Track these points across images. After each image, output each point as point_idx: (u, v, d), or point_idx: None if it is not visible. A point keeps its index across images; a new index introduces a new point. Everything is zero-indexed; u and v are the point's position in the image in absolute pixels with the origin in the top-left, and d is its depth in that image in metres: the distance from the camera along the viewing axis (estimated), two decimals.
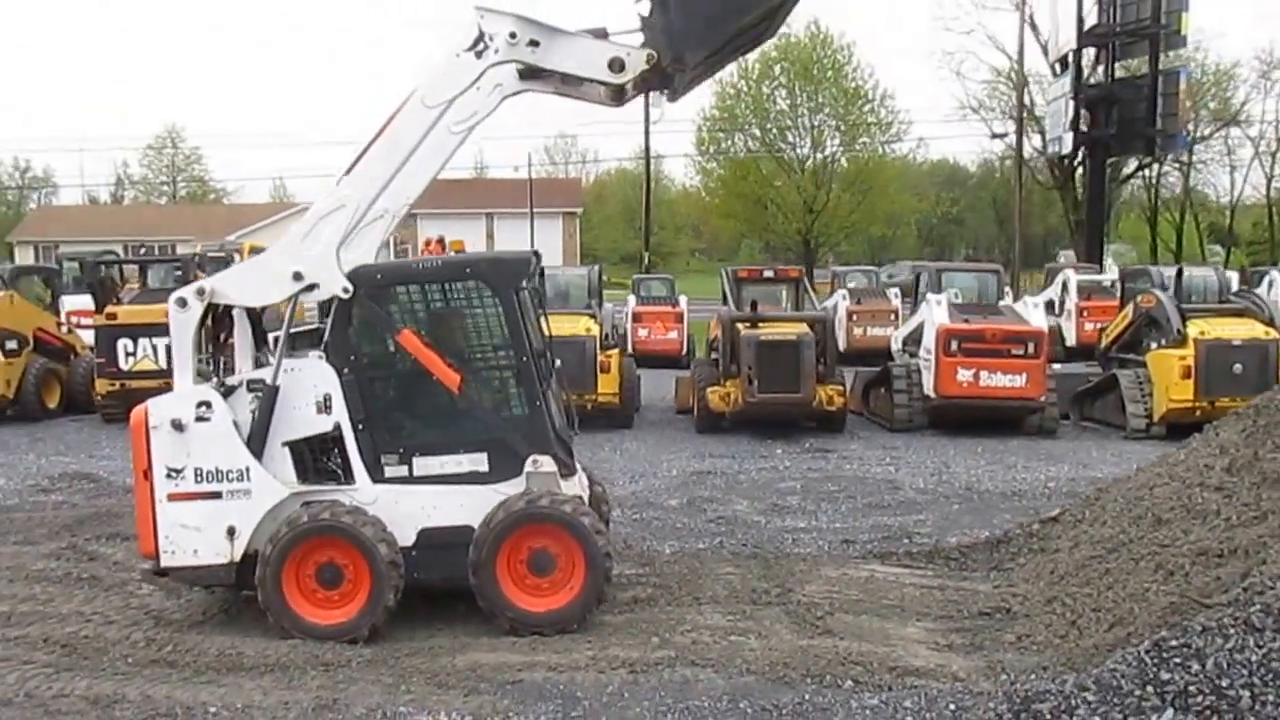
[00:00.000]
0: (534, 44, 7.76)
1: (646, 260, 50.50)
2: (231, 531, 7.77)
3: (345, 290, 7.83)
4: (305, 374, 7.99)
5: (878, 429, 17.90)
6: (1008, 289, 19.26)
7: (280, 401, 7.90)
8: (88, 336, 20.33)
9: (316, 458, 8.05)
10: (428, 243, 36.64)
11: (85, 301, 20.95)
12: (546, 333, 8.93)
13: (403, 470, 7.98)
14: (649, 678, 6.96)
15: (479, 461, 8.00)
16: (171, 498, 7.77)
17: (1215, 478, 8.07)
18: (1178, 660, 6.06)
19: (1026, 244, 79.56)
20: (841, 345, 27.76)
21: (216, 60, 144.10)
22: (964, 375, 16.61)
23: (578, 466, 8.61)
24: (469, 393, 8.00)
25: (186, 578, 8.05)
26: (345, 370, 7.95)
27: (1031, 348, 16.64)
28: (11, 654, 7.48)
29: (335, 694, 6.72)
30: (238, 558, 7.81)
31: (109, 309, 18.92)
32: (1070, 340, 27.41)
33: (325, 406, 7.94)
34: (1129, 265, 30.18)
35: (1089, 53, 43.06)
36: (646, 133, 49.32)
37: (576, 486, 8.33)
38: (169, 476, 7.77)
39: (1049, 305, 29.47)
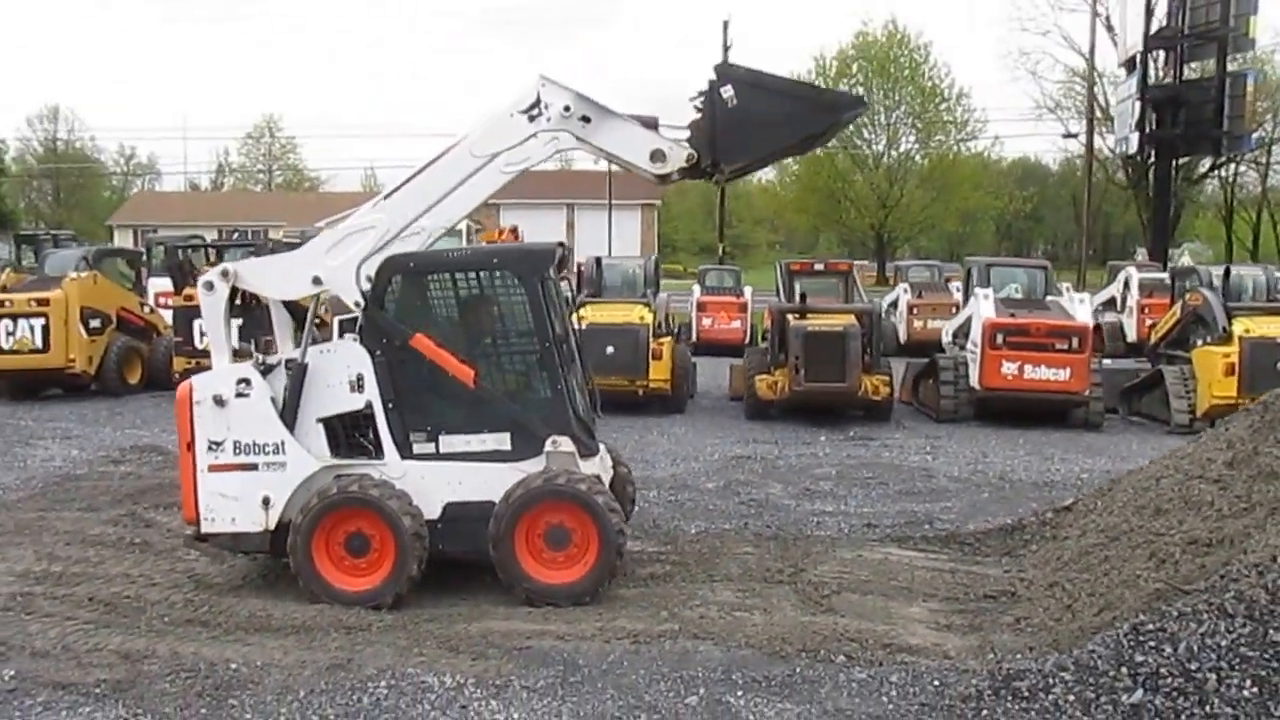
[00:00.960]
0: (585, 120, 8.19)
1: (721, 252, 50.73)
2: (266, 501, 8.27)
3: (357, 304, 8.32)
4: (340, 355, 8.47)
5: (924, 419, 18.04)
6: (1068, 285, 19.17)
7: (316, 380, 8.38)
8: (170, 317, 21.14)
9: (349, 434, 8.52)
10: (500, 231, 37.39)
11: (169, 283, 21.81)
12: (573, 320, 9.28)
13: (430, 447, 8.41)
14: (650, 648, 7.30)
15: (502, 441, 8.40)
16: (212, 469, 8.29)
17: (1215, 470, 8.19)
18: (1153, 644, 6.26)
19: (1106, 242, 78.70)
20: (902, 338, 28.00)
21: (313, 51, 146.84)
22: (1009, 368, 16.72)
23: (600, 447, 8.98)
24: (493, 376, 8.42)
25: (225, 544, 8.57)
26: (377, 352, 8.39)
27: (1076, 342, 16.69)
28: (56, 610, 8.05)
29: (350, 654, 7.17)
30: (272, 526, 8.31)
31: (186, 290, 19.72)
32: (1131, 336, 27.32)
33: (358, 386, 8.40)
34: (1188, 264, 29.84)
35: (1158, 54, 42.53)
36: None
37: (597, 466, 8.69)
38: (210, 449, 8.29)
39: (1110, 302, 29.30)
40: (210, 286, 8.47)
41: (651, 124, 8.29)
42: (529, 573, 8.18)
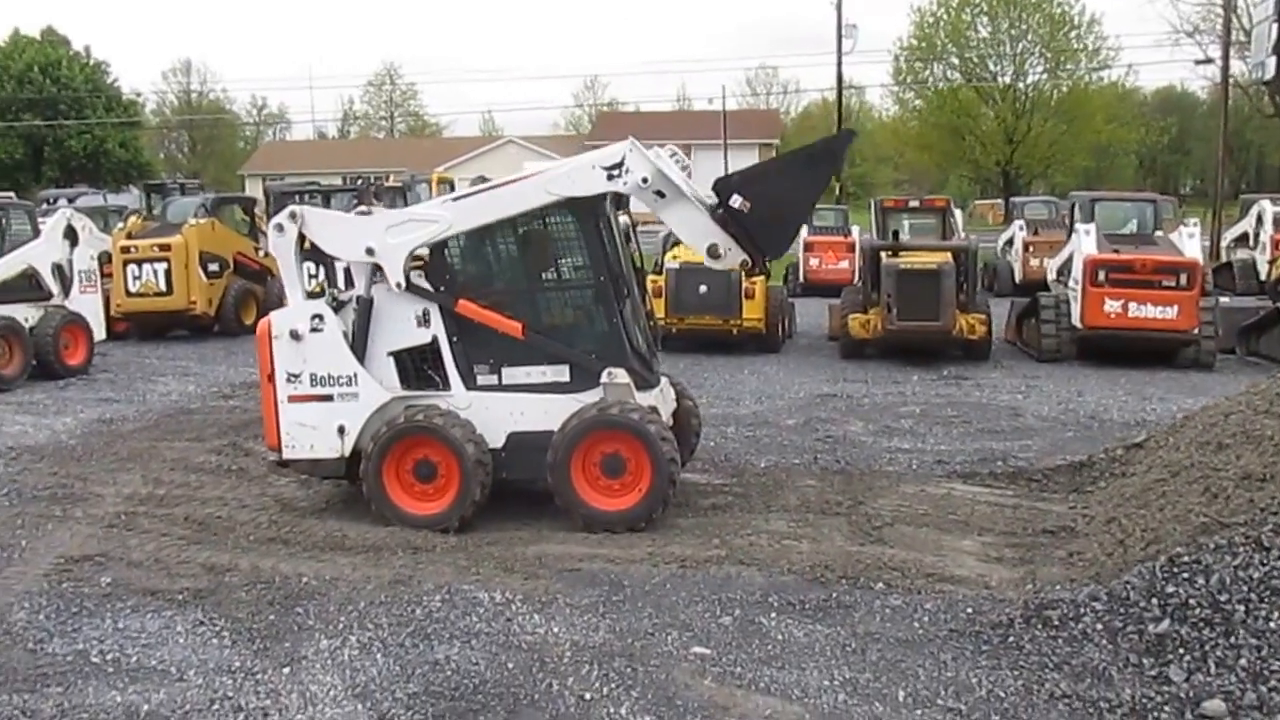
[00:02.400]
0: (659, 194, 8.42)
1: (839, 192, 50.10)
2: (341, 430, 8.74)
3: (398, 284, 8.68)
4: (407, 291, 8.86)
5: (1025, 359, 17.81)
6: (1194, 220, 18.46)
7: (385, 315, 8.80)
8: None
9: (418, 366, 8.92)
10: None
11: None
12: (633, 255, 9.49)
13: (493, 379, 8.78)
14: (695, 573, 7.56)
15: (561, 373, 8.73)
16: (291, 399, 8.79)
17: None
18: (1185, 575, 6.32)
19: (1260, 175, 75.06)
20: (1017, 277, 27.45)
21: None
22: (1111, 306, 16.38)
23: (661, 380, 9.22)
24: (551, 310, 8.74)
25: (304, 469, 9.12)
26: (442, 288, 8.76)
27: (1184, 279, 16.26)
28: (154, 528, 8.71)
29: (413, 571, 7.59)
30: (347, 453, 8.79)
31: None
32: (1264, 274, 26.21)
33: (424, 320, 8.80)
34: None
35: None
36: (839, 63, 48.67)
37: (656, 398, 8.94)
38: (289, 380, 8.78)
39: (1243, 238, 28.25)
40: (280, 229, 8.91)
41: (721, 201, 8.44)
42: (585, 499, 8.50)
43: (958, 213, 22.04)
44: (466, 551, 8.04)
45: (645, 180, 8.32)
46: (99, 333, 17.52)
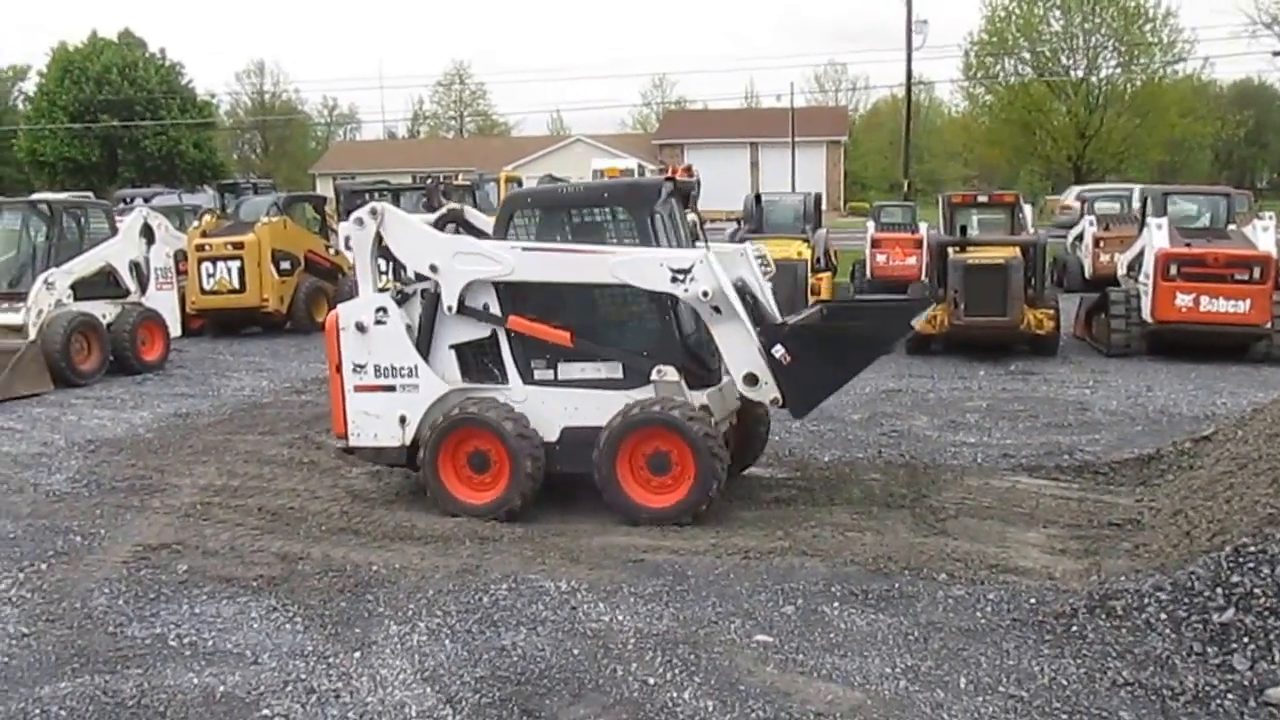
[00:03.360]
0: (716, 310, 8.45)
1: (906, 188, 49.74)
2: (403, 419, 8.96)
3: (449, 309, 8.90)
4: None
5: (1093, 354, 17.61)
6: (1271, 215, 18.13)
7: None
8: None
9: (478, 360, 9.08)
10: (675, 169, 37.81)
11: None
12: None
13: (549, 374, 8.94)
14: (759, 564, 7.63)
15: (614, 369, 8.86)
16: (357, 389, 9.01)
17: None
18: (1251, 565, 6.28)
19: None
20: (1088, 272, 27.07)
21: None
22: (1183, 300, 16.16)
23: (723, 378, 9.25)
24: (603, 306, 8.86)
25: (368, 457, 9.36)
26: (501, 286, 8.91)
27: (1257, 272, 15.97)
28: (229, 518, 8.95)
29: (480, 561, 7.74)
30: (408, 442, 9.02)
31: None
32: None
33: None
34: None
35: None
36: (909, 59, 48.31)
37: (713, 397, 8.93)
38: (354, 370, 9.00)
39: None
40: (360, 223, 9.11)
41: (765, 345, 8.45)
42: (630, 495, 8.59)
43: (1027, 208, 21.85)
44: (532, 542, 8.17)
45: (706, 294, 8.32)
46: (175, 329, 17.94)
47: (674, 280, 8.38)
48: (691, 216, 9.62)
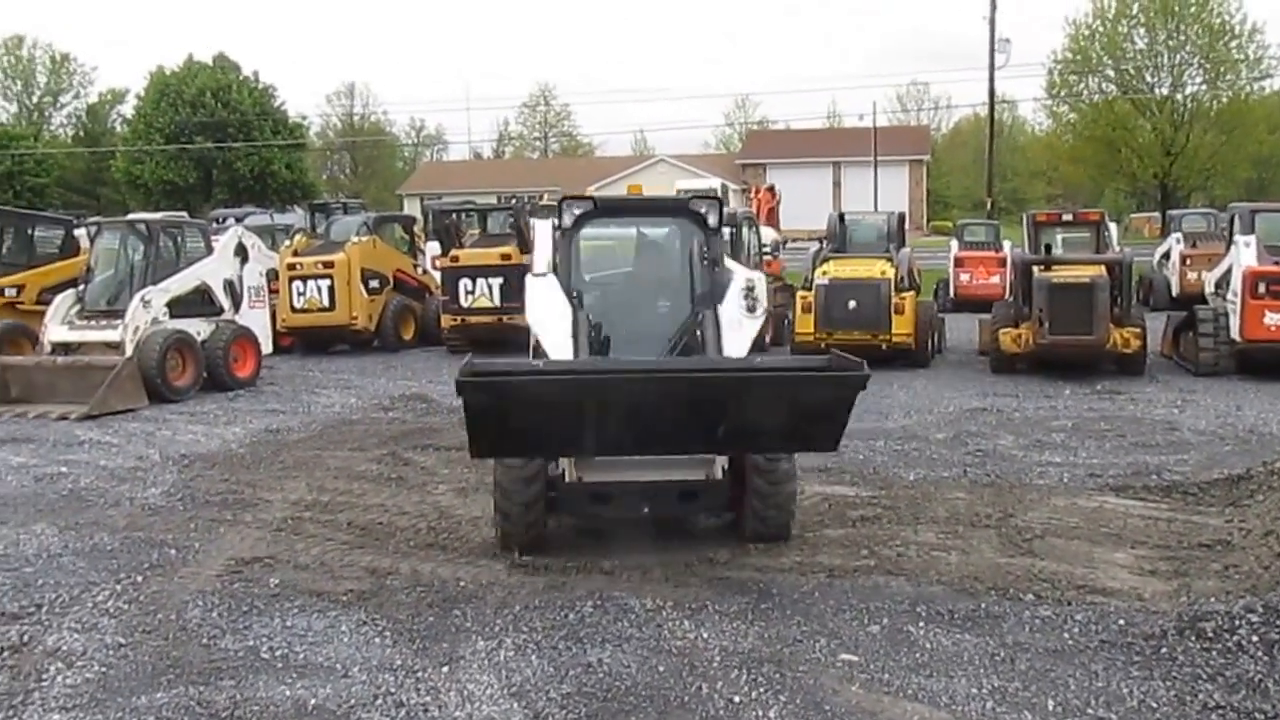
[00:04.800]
0: None
1: (990, 207, 49.26)
2: None
3: None
4: None
5: (1181, 373, 17.31)
6: None
7: None
8: (440, 278, 22.65)
9: None
10: (758, 189, 37.77)
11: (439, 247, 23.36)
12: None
13: None
14: (843, 582, 7.63)
15: None
16: None
17: None
18: None
19: None
20: (1174, 290, 26.64)
21: (588, 18, 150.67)
22: (1273, 319, 15.87)
23: None
24: None
25: None
26: None
27: None
28: (319, 532, 9.14)
29: (565, 578, 7.82)
30: None
31: (453, 252, 21.14)
32: None
33: None
34: None
35: None
36: (991, 78, 47.87)
37: None
38: None
39: None
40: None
41: None
42: None
43: (1112, 226, 21.55)
44: (616, 559, 8.21)
45: None
46: (266, 347, 18.34)
47: None
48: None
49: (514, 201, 23.92)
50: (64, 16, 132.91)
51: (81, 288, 16.85)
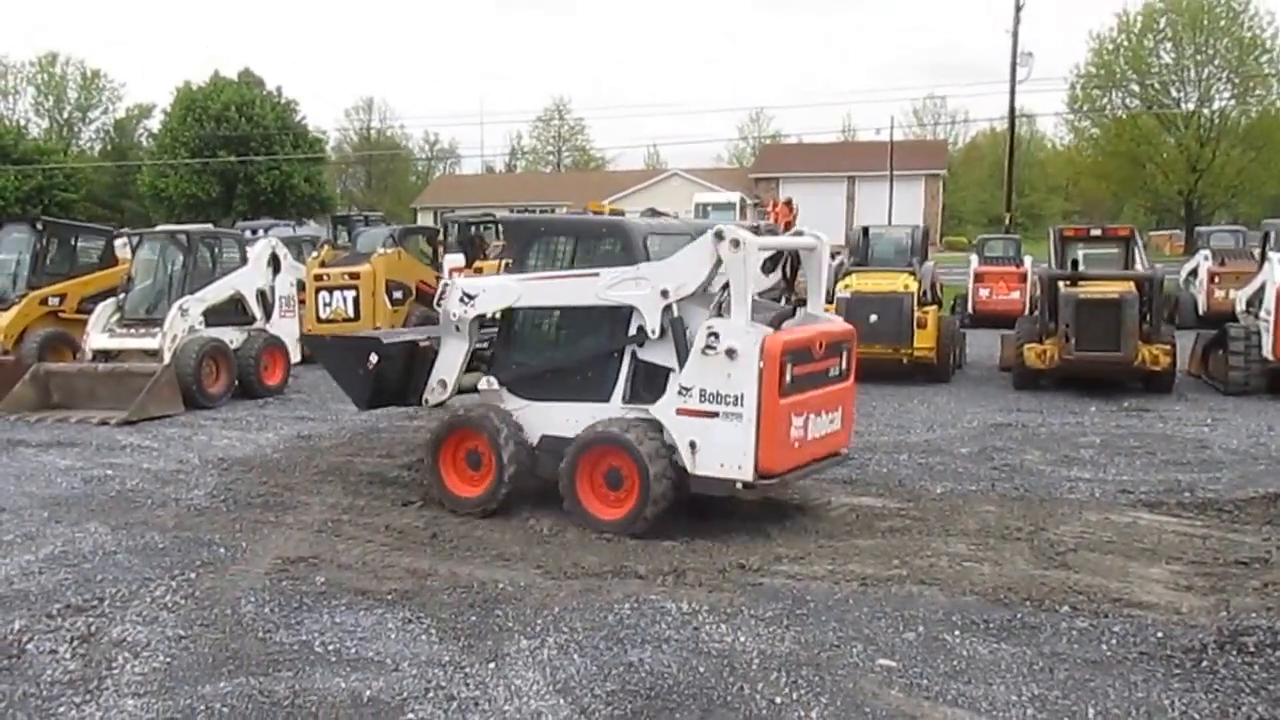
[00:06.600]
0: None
1: (1008, 222, 49.26)
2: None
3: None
4: None
5: (1211, 392, 17.29)
6: None
7: None
8: None
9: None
10: (775, 203, 37.90)
11: (462, 259, 23.55)
12: None
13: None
14: (876, 590, 7.71)
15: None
16: None
17: None
18: None
19: None
20: (1201, 308, 26.61)
21: (601, 32, 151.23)
22: None
23: None
24: None
25: None
26: None
27: None
28: (359, 535, 9.27)
29: (602, 581, 7.93)
30: None
31: (476, 264, 21.32)
32: None
33: None
34: None
35: None
36: (1012, 92, 47.96)
37: None
38: None
39: None
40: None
41: None
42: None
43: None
44: (649, 564, 8.32)
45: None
46: (295, 355, 18.52)
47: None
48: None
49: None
50: (97, 34, 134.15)
51: (121, 296, 17.11)
